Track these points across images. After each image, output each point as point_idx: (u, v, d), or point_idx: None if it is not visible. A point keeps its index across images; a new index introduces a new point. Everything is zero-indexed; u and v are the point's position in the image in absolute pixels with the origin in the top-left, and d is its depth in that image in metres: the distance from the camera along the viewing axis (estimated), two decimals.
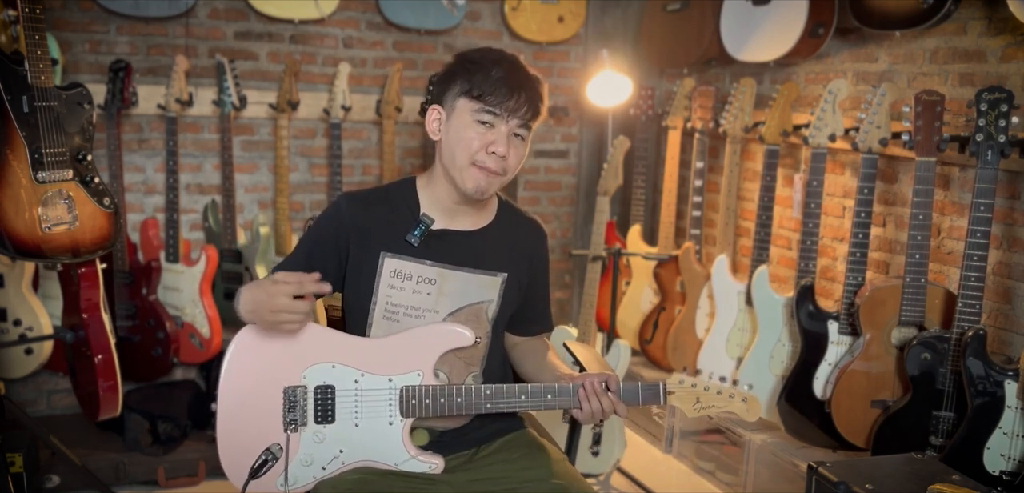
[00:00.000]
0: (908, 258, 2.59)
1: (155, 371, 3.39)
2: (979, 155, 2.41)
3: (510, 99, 1.71)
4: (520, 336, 1.97)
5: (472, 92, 1.72)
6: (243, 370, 1.72)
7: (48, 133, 2.43)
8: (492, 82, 1.71)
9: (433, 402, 1.71)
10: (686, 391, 1.76)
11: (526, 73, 1.76)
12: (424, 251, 1.79)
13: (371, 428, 1.71)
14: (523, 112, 1.72)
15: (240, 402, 1.71)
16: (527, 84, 1.74)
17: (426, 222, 1.79)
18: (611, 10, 4.19)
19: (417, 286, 1.78)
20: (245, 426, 1.70)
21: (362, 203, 1.83)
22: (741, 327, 3.24)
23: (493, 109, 1.71)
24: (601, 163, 4.03)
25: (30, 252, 2.45)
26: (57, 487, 2.95)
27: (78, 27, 3.39)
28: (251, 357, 1.72)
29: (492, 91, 1.71)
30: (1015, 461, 2.33)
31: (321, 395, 1.70)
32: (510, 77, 1.72)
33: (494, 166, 1.72)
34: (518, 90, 1.71)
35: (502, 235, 1.87)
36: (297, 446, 1.70)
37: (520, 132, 1.75)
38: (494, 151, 1.71)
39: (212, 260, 3.40)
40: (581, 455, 3.08)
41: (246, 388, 1.71)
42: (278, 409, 1.69)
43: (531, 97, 1.73)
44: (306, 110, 3.67)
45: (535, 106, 1.74)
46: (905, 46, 2.92)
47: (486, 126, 1.72)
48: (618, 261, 3.50)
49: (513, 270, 1.85)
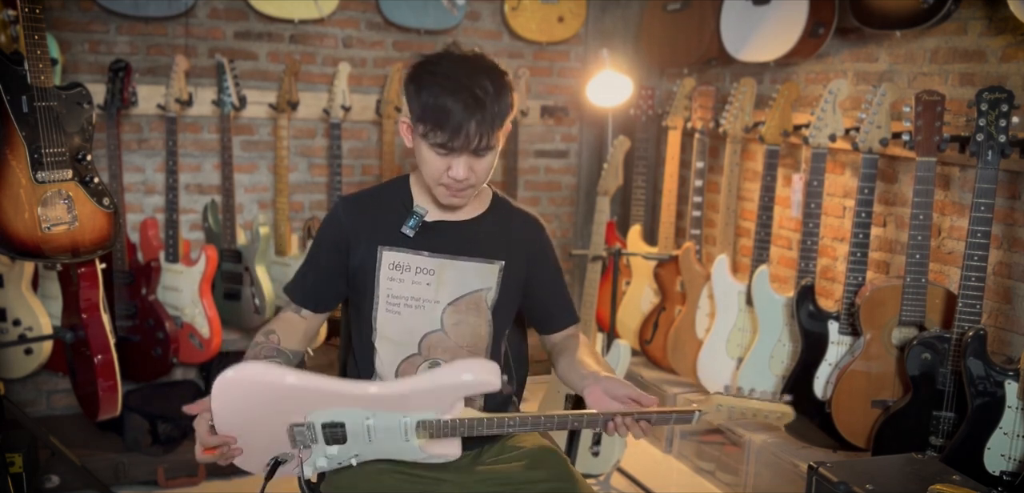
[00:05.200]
0: (908, 258, 2.59)
1: (155, 371, 3.39)
2: (979, 155, 2.40)
3: (458, 137, 1.63)
4: (549, 335, 1.98)
5: (421, 124, 1.66)
6: (235, 408, 1.63)
7: (48, 133, 2.43)
8: (440, 119, 1.63)
9: (452, 430, 1.66)
10: (721, 414, 1.71)
11: (479, 91, 1.63)
12: (420, 242, 1.81)
13: (386, 445, 1.69)
14: (477, 143, 1.65)
15: (239, 429, 1.65)
16: (477, 109, 1.63)
17: (420, 213, 1.81)
18: (611, 10, 4.19)
19: (416, 277, 1.81)
20: (253, 443, 1.67)
21: (358, 203, 1.87)
22: (741, 327, 3.24)
23: (444, 143, 1.65)
24: (601, 163, 4.03)
25: (30, 252, 2.45)
26: (57, 487, 2.94)
27: (78, 27, 3.39)
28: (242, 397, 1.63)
29: (440, 128, 1.63)
30: (1015, 461, 2.33)
31: (330, 430, 1.66)
32: (458, 110, 1.62)
33: (459, 186, 1.71)
34: (467, 123, 1.62)
35: (496, 225, 1.88)
36: (308, 455, 1.69)
37: (481, 152, 1.69)
38: (454, 176, 1.69)
39: (212, 260, 3.39)
40: (581, 455, 3.08)
41: (241, 421, 1.64)
42: (283, 436, 1.66)
43: (483, 121, 1.63)
44: (306, 110, 3.67)
45: (490, 128, 1.65)
46: (905, 46, 2.92)
47: (443, 157, 1.68)
48: (618, 261, 3.49)
49: (510, 260, 1.85)
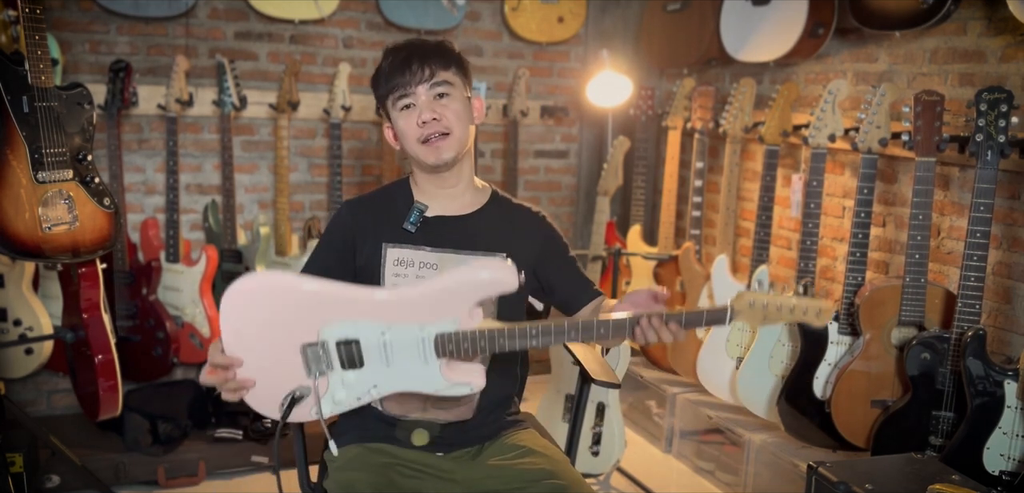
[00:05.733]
0: (908, 258, 2.60)
1: (155, 371, 3.39)
2: (979, 155, 2.41)
3: (404, 73, 1.79)
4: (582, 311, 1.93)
5: (380, 91, 1.85)
6: (244, 326, 1.58)
7: (48, 133, 2.43)
8: (388, 73, 1.82)
9: (472, 345, 1.58)
10: (755, 312, 1.55)
11: (419, 45, 1.83)
12: (422, 238, 1.85)
13: (405, 368, 1.61)
14: (423, 73, 1.79)
15: (251, 353, 1.58)
16: (417, 49, 1.82)
17: (420, 208, 1.86)
18: (611, 10, 4.20)
19: (420, 272, 1.83)
20: (265, 376, 1.60)
21: (362, 204, 1.92)
22: (741, 327, 3.23)
23: (401, 90, 1.81)
24: (601, 163, 4.03)
25: (30, 252, 2.45)
26: (57, 487, 2.95)
27: (78, 27, 3.39)
28: (251, 313, 1.58)
29: (390, 78, 1.81)
30: (1015, 461, 2.33)
31: (345, 348, 1.60)
32: (399, 55, 1.81)
33: (434, 131, 1.80)
34: (408, 61, 1.80)
35: (496, 219, 1.91)
36: (325, 387, 1.61)
37: (439, 89, 1.81)
38: (424, 120, 1.79)
39: (212, 260, 3.40)
40: (581, 455, 3.08)
41: (252, 345, 1.59)
42: (296, 361, 1.60)
43: (424, 56, 1.80)
44: (306, 110, 3.67)
45: (433, 60, 1.81)
46: (905, 46, 2.93)
47: (408, 109, 1.82)
48: (618, 261, 3.50)
49: (513, 253, 1.85)
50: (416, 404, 1.84)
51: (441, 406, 1.84)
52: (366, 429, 1.85)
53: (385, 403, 1.85)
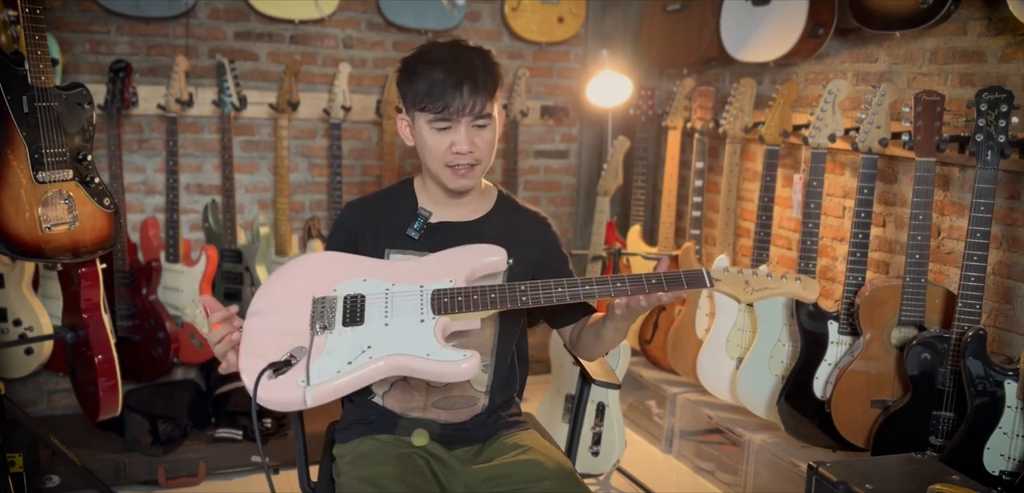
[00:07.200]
0: (908, 258, 2.60)
1: (155, 371, 3.39)
2: (979, 155, 2.41)
3: (455, 101, 1.71)
4: (563, 328, 1.96)
5: (418, 104, 1.75)
6: (279, 286, 1.74)
7: (48, 133, 2.43)
8: (434, 91, 1.71)
9: (466, 299, 1.65)
10: (733, 277, 1.74)
11: (468, 62, 1.73)
12: (425, 243, 1.83)
13: (401, 326, 1.66)
14: (471, 107, 1.72)
15: (272, 309, 1.70)
16: (469, 75, 1.71)
17: (424, 215, 1.84)
18: (611, 10, 4.20)
19: None
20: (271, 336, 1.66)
21: (364, 208, 1.91)
22: (741, 327, 3.24)
23: (442, 115, 1.73)
24: (601, 163, 4.03)
25: (30, 252, 2.45)
26: (57, 487, 2.95)
27: (78, 27, 3.39)
28: (289, 276, 1.76)
29: (436, 99, 1.71)
30: (1015, 461, 2.33)
31: (350, 302, 1.68)
32: (450, 77, 1.71)
33: (465, 162, 1.76)
34: (460, 88, 1.70)
35: (502, 223, 1.89)
36: (322, 346, 1.63)
37: (479, 122, 1.75)
38: (458, 151, 1.74)
39: (212, 260, 3.40)
40: (581, 455, 3.08)
41: (277, 301, 1.71)
42: (306, 316, 1.67)
43: (476, 87, 1.71)
44: (306, 110, 3.67)
45: (484, 94, 1.73)
46: (905, 46, 2.93)
47: (444, 131, 1.75)
48: (618, 261, 3.50)
49: (516, 259, 1.85)
50: (417, 402, 1.84)
51: (442, 406, 1.84)
52: (370, 422, 1.84)
53: (387, 399, 1.85)
